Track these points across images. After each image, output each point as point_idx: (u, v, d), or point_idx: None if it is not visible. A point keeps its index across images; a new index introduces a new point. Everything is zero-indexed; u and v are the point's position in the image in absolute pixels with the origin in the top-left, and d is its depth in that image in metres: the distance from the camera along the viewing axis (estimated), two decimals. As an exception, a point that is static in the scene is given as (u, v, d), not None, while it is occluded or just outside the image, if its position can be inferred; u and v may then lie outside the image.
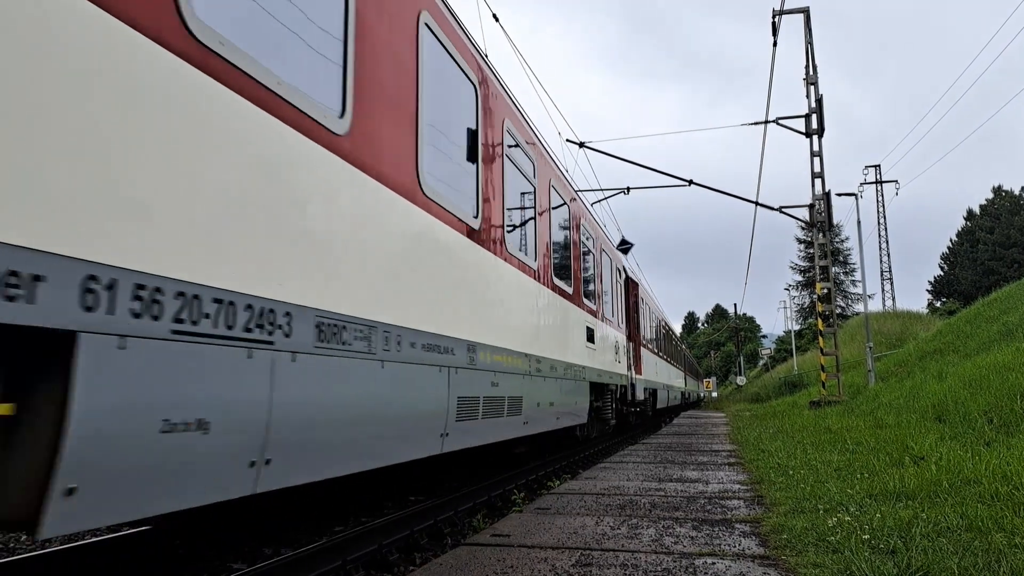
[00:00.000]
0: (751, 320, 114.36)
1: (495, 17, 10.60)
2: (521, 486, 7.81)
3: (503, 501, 7.06)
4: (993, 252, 59.93)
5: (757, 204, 18.62)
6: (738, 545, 3.99)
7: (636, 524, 4.65)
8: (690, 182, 18.13)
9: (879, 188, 49.68)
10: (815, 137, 17.80)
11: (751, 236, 27.34)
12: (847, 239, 62.00)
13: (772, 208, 18.52)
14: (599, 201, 20.23)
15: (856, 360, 24.59)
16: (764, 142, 20.41)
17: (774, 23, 17.70)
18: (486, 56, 5.97)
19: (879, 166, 50.55)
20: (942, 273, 66.82)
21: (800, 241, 64.25)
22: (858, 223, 23.58)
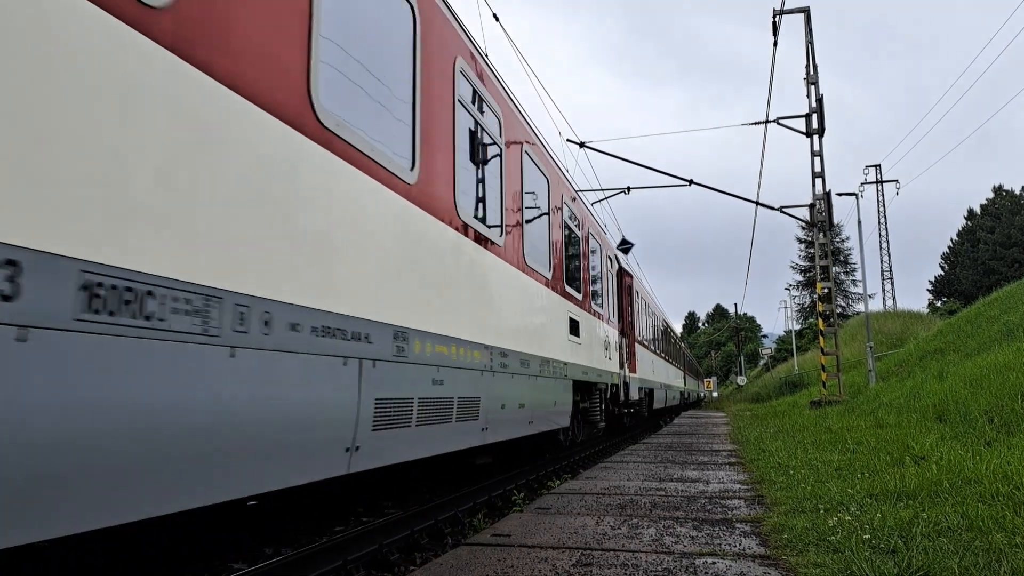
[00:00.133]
0: (752, 320, 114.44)
1: (495, 16, 10.60)
2: (521, 486, 7.81)
3: (503, 501, 7.07)
4: (994, 252, 59.92)
5: (758, 204, 18.64)
6: (739, 545, 3.99)
7: (636, 524, 4.65)
8: (691, 182, 18.13)
9: (879, 188, 49.79)
10: (815, 137, 17.81)
11: (751, 236, 27.35)
12: (847, 239, 62.14)
13: (773, 208, 18.53)
14: (599, 201, 20.26)
15: (857, 360, 24.60)
16: (765, 142, 20.44)
17: (774, 23, 17.72)
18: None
19: (879, 166, 50.68)
20: (943, 273, 66.88)
21: (800, 241, 64.31)
22: (858, 223, 23.64)
